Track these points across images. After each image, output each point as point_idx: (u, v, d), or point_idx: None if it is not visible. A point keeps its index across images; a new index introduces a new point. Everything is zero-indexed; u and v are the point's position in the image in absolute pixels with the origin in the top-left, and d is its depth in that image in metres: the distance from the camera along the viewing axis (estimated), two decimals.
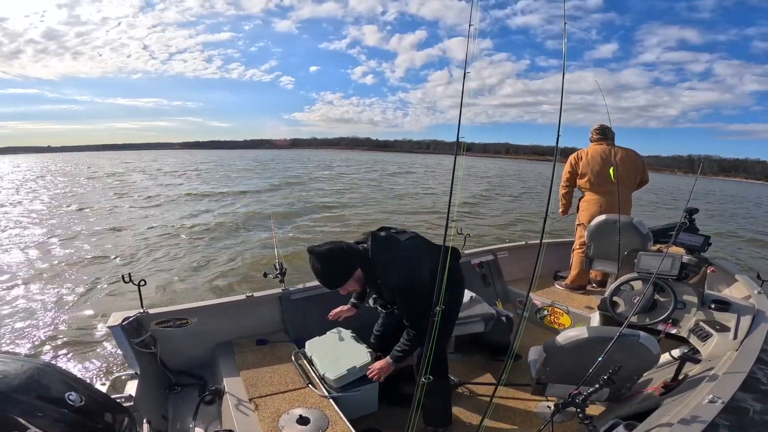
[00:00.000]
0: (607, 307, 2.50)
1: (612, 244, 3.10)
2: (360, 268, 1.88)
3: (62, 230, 9.65)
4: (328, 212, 12.17)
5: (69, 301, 5.37)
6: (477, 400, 2.47)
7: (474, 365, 2.79)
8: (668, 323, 2.30)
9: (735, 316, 2.18)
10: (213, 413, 2.11)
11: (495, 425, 2.22)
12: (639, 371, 1.92)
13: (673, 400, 1.68)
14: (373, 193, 17.89)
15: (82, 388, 1.26)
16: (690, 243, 2.83)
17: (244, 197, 15.54)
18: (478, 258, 3.81)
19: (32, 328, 4.52)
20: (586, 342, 1.80)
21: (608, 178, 3.49)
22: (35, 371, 1.17)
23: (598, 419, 1.87)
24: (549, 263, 4.08)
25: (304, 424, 1.79)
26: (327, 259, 1.82)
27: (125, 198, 15.15)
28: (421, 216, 12.48)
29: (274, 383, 2.13)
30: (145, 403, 1.97)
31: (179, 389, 2.34)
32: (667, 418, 1.46)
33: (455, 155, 1.47)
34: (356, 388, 2.12)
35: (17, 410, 1.03)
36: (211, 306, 2.59)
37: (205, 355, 2.53)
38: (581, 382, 1.56)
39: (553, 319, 3.39)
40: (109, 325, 2.16)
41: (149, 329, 2.36)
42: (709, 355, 1.99)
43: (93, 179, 22.50)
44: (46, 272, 6.65)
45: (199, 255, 7.88)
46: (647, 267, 2.42)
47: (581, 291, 3.67)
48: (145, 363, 2.21)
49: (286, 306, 2.79)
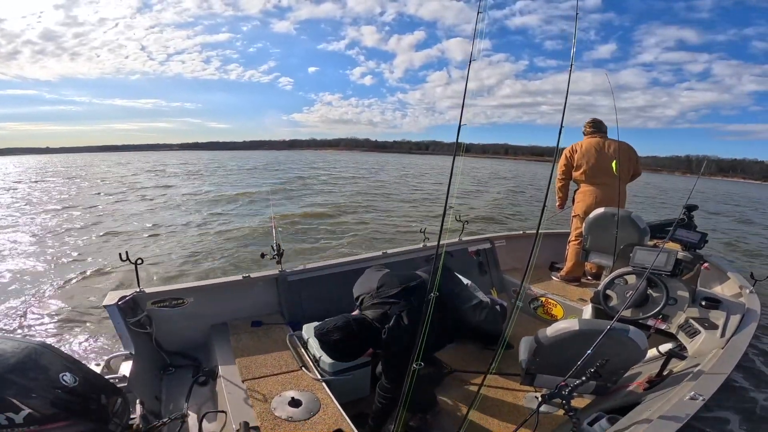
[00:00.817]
0: (600, 300, 2.51)
1: (609, 237, 3.10)
2: (371, 346, 1.88)
3: (63, 216, 9.65)
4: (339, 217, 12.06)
5: (65, 280, 5.40)
6: (467, 388, 2.51)
7: (466, 354, 2.83)
8: (659, 319, 2.32)
9: (724, 314, 2.20)
10: (206, 394, 2.15)
11: (483, 413, 2.26)
12: (626, 365, 1.95)
13: (656, 396, 1.71)
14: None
15: (77, 369, 1.27)
16: (687, 239, 2.83)
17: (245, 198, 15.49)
18: (475, 246, 3.82)
19: (27, 307, 4.54)
20: (575, 335, 1.82)
21: (604, 170, 3.52)
22: (30, 351, 1.18)
23: (582, 411, 1.91)
24: (545, 254, 4.10)
25: (295, 407, 1.82)
26: (337, 349, 1.82)
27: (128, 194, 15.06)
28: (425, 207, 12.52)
29: (268, 365, 2.16)
30: (138, 384, 1.99)
31: (173, 370, 2.37)
32: (648, 413, 1.49)
33: (454, 155, 1.47)
34: (349, 373, 2.16)
35: (11, 391, 1.04)
36: (207, 286, 2.61)
37: (199, 336, 2.55)
38: (569, 375, 1.58)
39: (546, 310, 3.41)
40: (105, 304, 2.17)
41: (145, 309, 2.38)
42: (696, 352, 2.02)
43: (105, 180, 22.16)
44: (41, 253, 6.67)
45: (196, 234, 7.90)
46: (642, 262, 2.43)
47: (576, 283, 3.69)
48: (140, 343, 2.23)
49: (283, 288, 2.80)
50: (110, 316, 2.17)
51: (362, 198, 14.01)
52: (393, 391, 1.86)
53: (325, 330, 1.81)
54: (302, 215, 9.76)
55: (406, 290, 1.95)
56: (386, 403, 1.92)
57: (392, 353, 1.89)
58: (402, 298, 1.92)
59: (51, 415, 1.08)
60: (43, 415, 1.07)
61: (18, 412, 1.02)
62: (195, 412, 2.00)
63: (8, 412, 1.02)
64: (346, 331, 1.79)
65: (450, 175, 1.65)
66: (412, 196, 15.67)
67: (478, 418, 2.22)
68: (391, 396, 1.88)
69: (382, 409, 1.95)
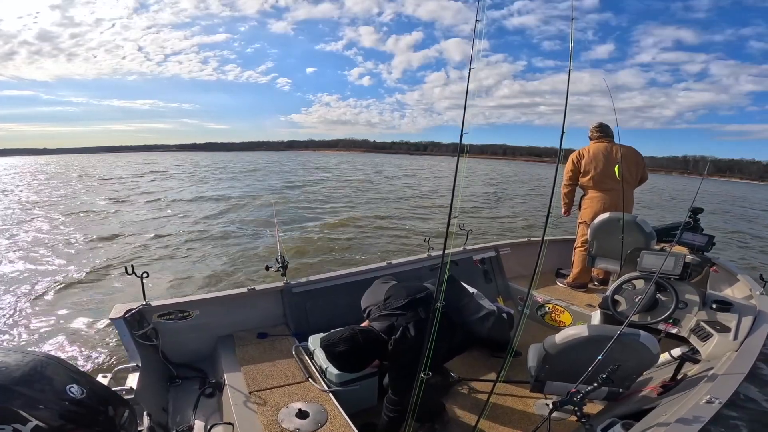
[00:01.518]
0: (609, 305, 2.49)
1: (615, 243, 3.08)
2: (377, 358, 1.88)
3: (66, 226, 9.72)
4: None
5: (71, 293, 5.41)
6: (476, 396, 2.48)
7: (474, 361, 2.80)
8: (669, 323, 2.29)
9: (736, 317, 2.17)
10: (213, 406, 2.13)
11: (493, 421, 2.23)
12: (638, 370, 1.92)
13: (671, 400, 1.68)
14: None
15: (84, 381, 1.27)
16: (694, 242, 2.81)
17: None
18: (480, 254, 3.80)
19: (34, 320, 4.55)
20: (586, 340, 1.80)
21: (611, 176, 3.48)
22: (36, 363, 1.18)
23: (595, 418, 1.87)
24: (551, 260, 4.07)
25: (303, 418, 1.80)
26: (342, 359, 1.81)
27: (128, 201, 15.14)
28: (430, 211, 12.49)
29: (275, 377, 2.14)
30: (145, 396, 1.98)
31: (180, 382, 2.35)
32: (665, 417, 1.46)
33: (458, 156, 1.47)
34: (356, 383, 2.14)
35: (18, 402, 1.04)
36: (212, 299, 2.60)
37: (206, 348, 2.55)
38: (580, 381, 1.56)
39: (553, 317, 3.38)
40: (112, 317, 2.17)
41: (151, 322, 2.38)
42: (709, 355, 1.99)
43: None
44: (47, 265, 6.70)
45: (202, 248, 7.91)
46: (650, 266, 2.41)
47: (583, 289, 3.66)
48: (146, 355, 2.23)
49: (288, 300, 2.80)
50: (117, 329, 2.17)
51: (373, 206, 13.90)
52: (401, 404, 1.84)
53: (331, 341, 1.80)
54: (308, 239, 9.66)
55: (413, 302, 1.94)
56: (394, 416, 1.90)
57: (399, 365, 1.88)
58: (409, 310, 1.91)
59: (59, 427, 1.07)
60: (51, 426, 1.06)
61: (25, 423, 1.02)
62: (202, 424, 1.99)
63: (15, 424, 1.01)
64: (351, 343, 1.78)
65: (453, 185, 1.65)
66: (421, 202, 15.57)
67: (488, 426, 2.19)
68: (399, 408, 1.86)
69: (389, 422, 1.93)
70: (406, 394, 1.67)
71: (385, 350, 1.84)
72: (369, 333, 1.85)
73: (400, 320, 1.87)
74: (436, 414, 2.16)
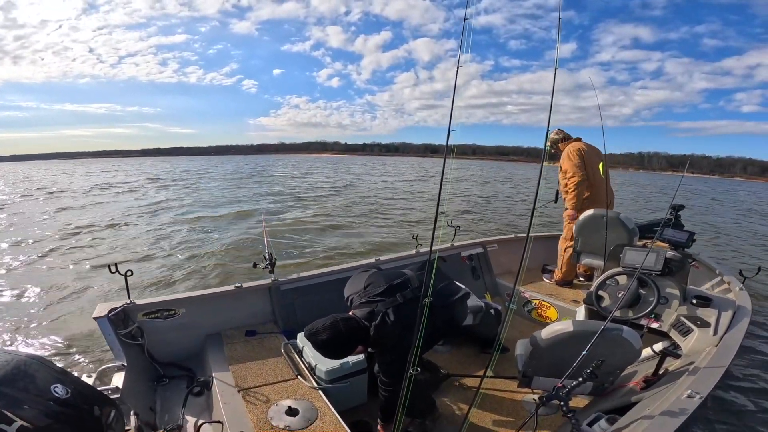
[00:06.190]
0: (593, 300, 2.54)
1: (599, 239, 3.14)
2: (360, 344, 1.88)
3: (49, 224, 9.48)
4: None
5: (54, 293, 5.29)
6: (465, 391, 2.51)
7: (464, 358, 2.82)
8: (651, 318, 2.35)
9: (716, 312, 2.23)
10: (202, 405, 2.11)
11: (482, 416, 2.26)
12: (622, 365, 1.96)
13: (653, 394, 1.72)
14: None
15: (68, 380, 1.25)
16: (675, 239, 2.88)
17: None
18: (467, 250, 3.84)
19: (16, 320, 4.44)
20: (570, 336, 1.83)
21: (597, 172, 3.56)
22: (20, 364, 1.16)
23: (581, 412, 1.91)
24: (537, 256, 4.13)
25: (292, 416, 1.80)
26: (326, 348, 1.82)
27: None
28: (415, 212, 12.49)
29: (263, 375, 2.14)
30: (132, 395, 1.96)
31: (167, 381, 2.33)
32: (647, 411, 1.50)
33: (444, 157, 1.48)
34: (345, 380, 2.14)
35: (3, 403, 1.02)
36: (199, 297, 2.58)
37: (193, 347, 2.52)
38: (565, 376, 1.59)
39: (540, 312, 3.43)
40: (95, 317, 2.13)
41: (136, 320, 2.34)
42: (690, 350, 2.04)
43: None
44: (28, 264, 6.54)
45: (187, 244, 7.81)
46: (632, 262, 2.47)
47: (568, 285, 3.72)
48: (132, 355, 2.20)
49: (276, 297, 2.78)
50: (101, 328, 2.13)
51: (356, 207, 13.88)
52: (393, 385, 1.87)
53: (314, 330, 1.82)
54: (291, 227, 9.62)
55: (391, 287, 1.98)
56: (389, 396, 1.93)
57: (383, 350, 1.92)
58: (388, 296, 1.94)
59: (45, 427, 1.06)
60: (37, 426, 1.04)
61: (11, 423, 1.00)
62: (191, 423, 1.97)
63: (1, 424, 0.99)
64: (333, 330, 1.80)
65: (440, 181, 1.66)
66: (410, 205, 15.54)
67: (478, 421, 2.22)
68: (392, 389, 1.89)
69: (386, 401, 1.95)
70: (396, 377, 1.70)
71: (367, 336, 1.86)
72: (350, 320, 1.87)
73: (379, 306, 1.91)
74: (427, 410, 2.18)
